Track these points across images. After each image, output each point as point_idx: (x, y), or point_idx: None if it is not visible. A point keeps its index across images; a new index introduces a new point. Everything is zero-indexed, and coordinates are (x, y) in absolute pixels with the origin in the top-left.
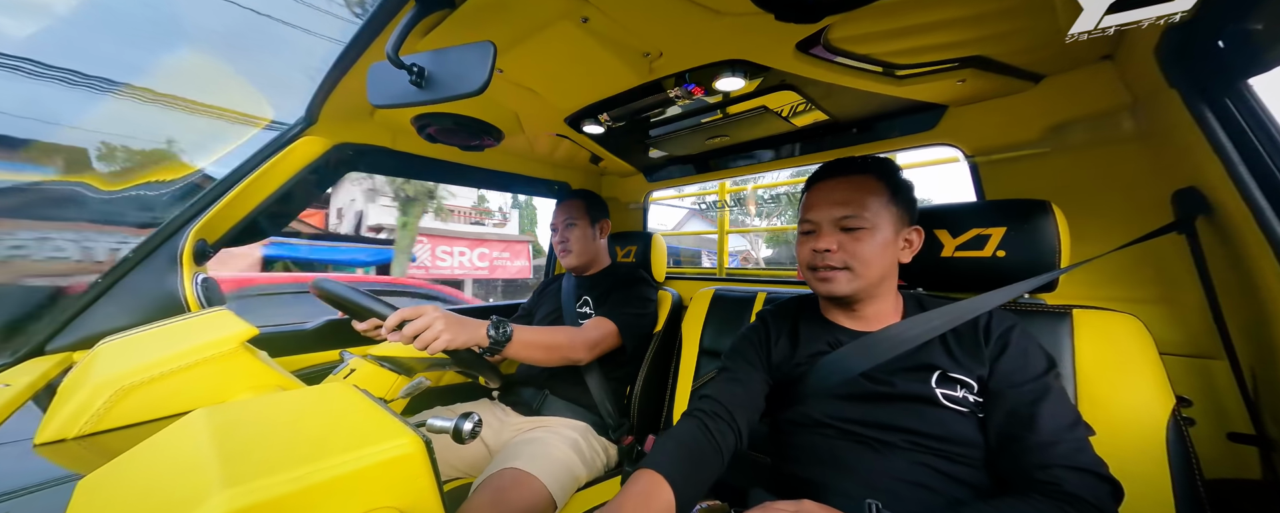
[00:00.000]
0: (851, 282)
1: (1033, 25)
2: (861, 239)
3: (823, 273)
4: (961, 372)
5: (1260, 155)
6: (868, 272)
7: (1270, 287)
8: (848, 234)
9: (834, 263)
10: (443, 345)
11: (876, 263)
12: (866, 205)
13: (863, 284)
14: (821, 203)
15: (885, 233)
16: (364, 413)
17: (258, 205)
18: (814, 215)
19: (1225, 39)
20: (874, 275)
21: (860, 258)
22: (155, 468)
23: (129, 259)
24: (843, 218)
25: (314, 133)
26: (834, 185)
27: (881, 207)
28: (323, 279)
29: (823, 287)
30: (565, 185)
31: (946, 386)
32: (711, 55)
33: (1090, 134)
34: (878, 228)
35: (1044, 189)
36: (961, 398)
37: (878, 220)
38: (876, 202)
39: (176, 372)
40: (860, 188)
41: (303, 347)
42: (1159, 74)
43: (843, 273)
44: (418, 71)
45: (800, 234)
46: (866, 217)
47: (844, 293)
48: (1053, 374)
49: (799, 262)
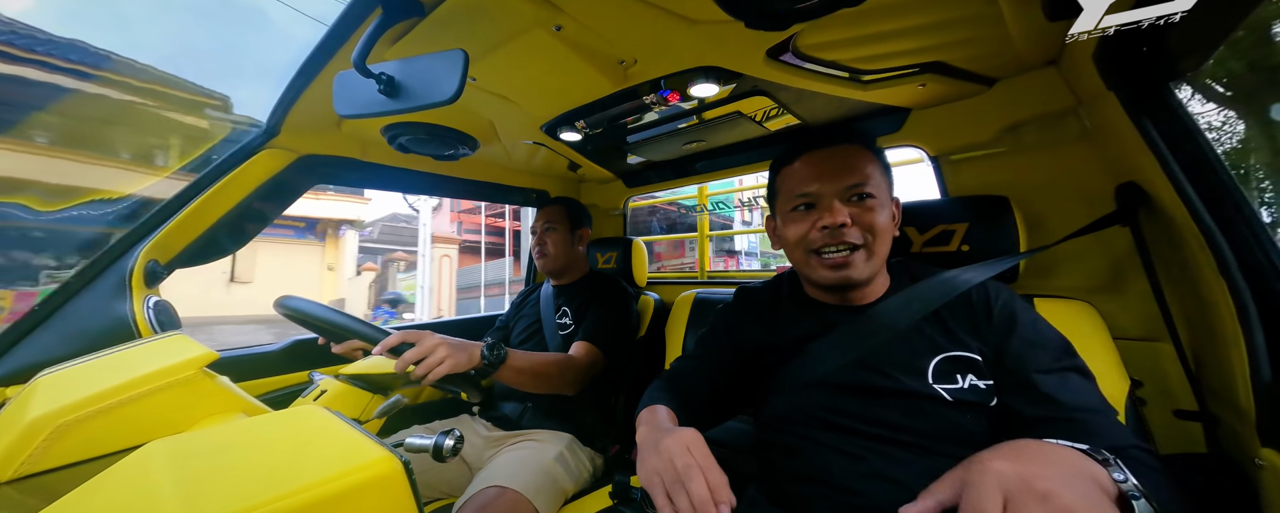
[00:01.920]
0: (868, 264)
1: (985, 34)
2: (875, 209)
3: (833, 256)
4: (961, 349)
5: (1188, 152)
6: (882, 249)
7: (1204, 273)
8: (859, 205)
9: (852, 240)
10: (444, 373)
11: (888, 238)
12: (872, 175)
13: (877, 265)
14: (822, 173)
15: (888, 203)
16: (336, 435)
17: (215, 222)
18: (814, 187)
19: (1149, 47)
20: (885, 253)
21: (877, 231)
22: (105, 507)
23: (71, 284)
24: (854, 187)
25: (276, 145)
26: (830, 154)
27: (881, 176)
28: (291, 298)
29: (834, 275)
30: (544, 193)
31: (947, 373)
32: (685, 62)
33: (1041, 134)
34: (884, 199)
35: (1002, 186)
36: (968, 388)
37: (882, 190)
38: (877, 171)
39: (126, 403)
40: (862, 158)
41: (268, 369)
42: (1098, 78)
43: (859, 253)
44: (387, 81)
45: (790, 211)
46: (873, 186)
47: (862, 278)
48: (1073, 352)
49: (791, 245)
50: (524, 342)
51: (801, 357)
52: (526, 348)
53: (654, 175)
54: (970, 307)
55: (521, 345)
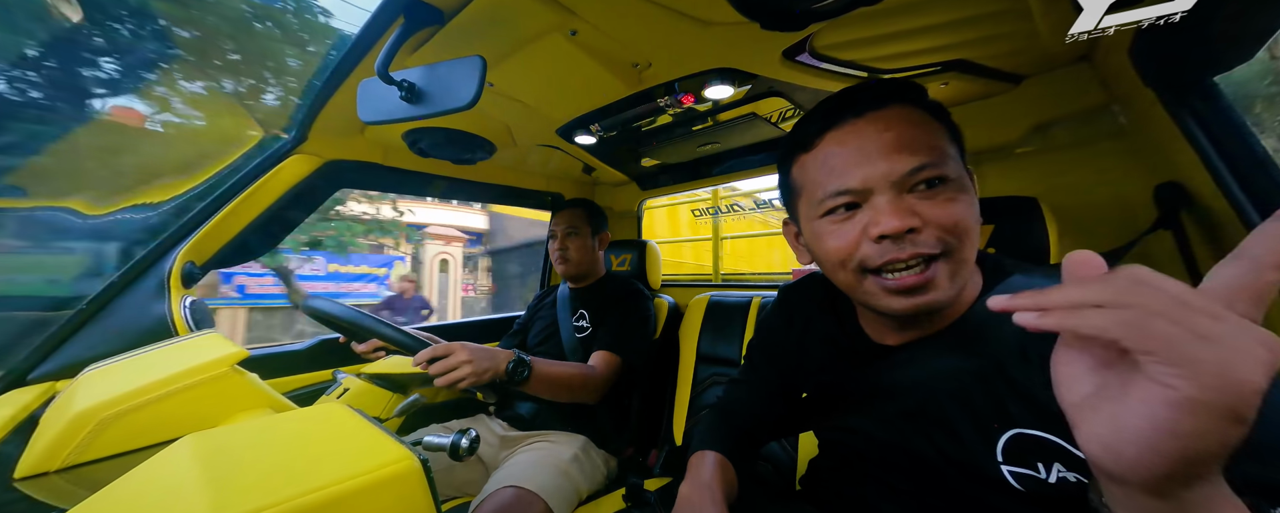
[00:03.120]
0: (955, 279)
1: (1011, 29)
2: (956, 200)
3: (902, 277)
4: (1052, 430)
5: (1233, 150)
6: (970, 255)
7: None
8: (930, 195)
9: (928, 249)
10: (469, 384)
11: (976, 237)
12: (942, 147)
13: (963, 277)
14: (866, 155)
15: (971, 189)
16: (358, 433)
17: (248, 225)
18: (857, 177)
19: (1191, 39)
20: (971, 258)
21: (963, 232)
22: (142, 499)
23: (114, 284)
24: (918, 170)
25: (304, 151)
26: (874, 125)
27: (951, 148)
28: (317, 299)
29: (908, 302)
30: (559, 196)
31: (1021, 455)
32: (700, 64)
33: (1073, 133)
34: (965, 184)
35: (1031, 187)
36: (1038, 480)
37: (959, 170)
38: (946, 143)
39: (164, 398)
40: (918, 122)
41: (295, 368)
42: (1134, 74)
43: (940, 266)
44: (408, 87)
45: (823, 217)
46: (947, 164)
47: (948, 300)
48: None
49: (833, 265)
50: (540, 344)
51: (840, 391)
52: (542, 350)
53: (668, 178)
54: None
55: (538, 348)
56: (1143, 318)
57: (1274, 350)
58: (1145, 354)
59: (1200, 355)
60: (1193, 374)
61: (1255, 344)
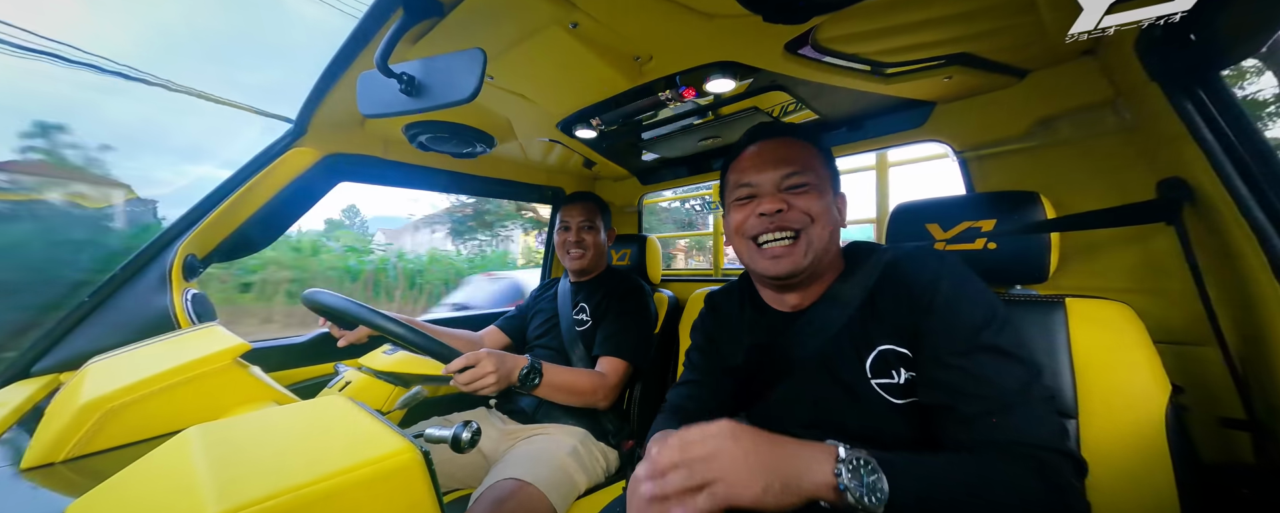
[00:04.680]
0: (807, 252)
1: (1016, 23)
2: (808, 196)
3: (772, 248)
4: (896, 342)
5: (1238, 146)
6: (819, 235)
7: (1255, 273)
8: (795, 192)
9: (789, 224)
10: (490, 392)
11: (824, 223)
12: (808, 163)
13: (815, 254)
14: (761, 163)
15: (826, 193)
16: (360, 425)
17: (248, 218)
18: (754, 177)
19: (1197, 33)
20: (823, 239)
21: (815, 215)
22: (146, 490)
23: (116, 277)
24: (790, 175)
25: (304, 143)
26: (774, 146)
27: (820, 166)
28: (320, 292)
29: (773, 266)
30: (559, 190)
31: (882, 368)
32: (701, 58)
33: (1076, 127)
34: (822, 188)
35: (1033, 182)
36: (894, 384)
37: (820, 179)
38: (816, 161)
39: (167, 390)
40: (800, 149)
41: (297, 361)
42: (1140, 68)
43: (797, 245)
44: (408, 80)
45: (734, 202)
46: (810, 174)
47: (800, 268)
48: (995, 325)
49: (734, 235)
50: (541, 336)
51: (761, 371)
52: (543, 342)
53: (669, 172)
54: (905, 290)
55: (538, 340)
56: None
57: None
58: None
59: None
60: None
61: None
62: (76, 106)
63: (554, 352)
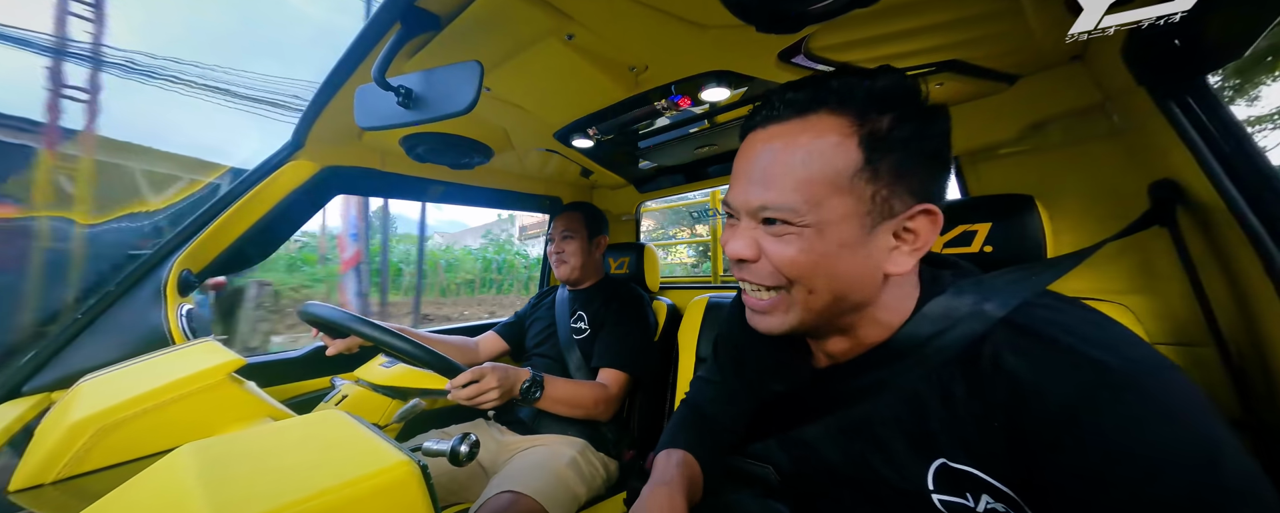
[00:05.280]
0: (789, 313)
1: (1005, 29)
2: (790, 242)
3: (748, 298)
4: (980, 467)
5: (1226, 148)
6: (814, 297)
7: (1249, 274)
8: (768, 230)
9: (755, 279)
10: (491, 407)
11: (825, 279)
12: (804, 184)
13: (814, 314)
14: (739, 173)
15: (841, 231)
16: (357, 440)
17: (244, 232)
18: (732, 191)
19: (1182, 38)
20: (825, 300)
21: (794, 272)
22: (140, 509)
23: (110, 293)
24: (760, 209)
25: (301, 157)
26: (765, 141)
27: (833, 185)
28: (317, 305)
29: (754, 321)
30: (557, 200)
31: (952, 485)
32: (696, 67)
33: (1067, 131)
34: (824, 224)
35: (1026, 185)
36: (966, 507)
37: (825, 210)
38: (826, 174)
39: (160, 407)
40: (804, 149)
41: (292, 375)
42: (1127, 73)
43: (779, 301)
44: (405, 93)
45: (727, 215)
46: (797, 198)
47: (785, 330)
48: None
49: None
50: (539, 345)
51: (772, 417)
52: (541, 351)
53: (666, 180)
54: (1012, 401)
55: (536, 349)
56: None
57: None
58: None
59: None
60: None
61: None
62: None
63: (552, 361)
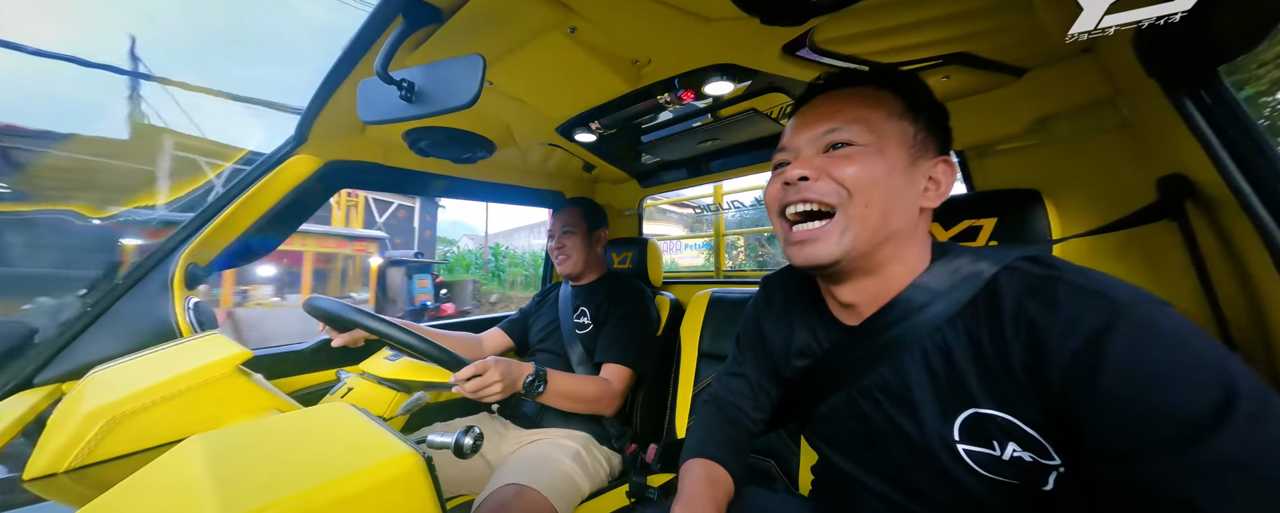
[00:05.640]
0: (841, 237)
1: (1013, 22)
2: (853, 159)
3: (798, 231)
4: (1011, 411)
5: (1238, 142)
6: (866, 213)
7: (1260, 271)
8: (833, 155)
9: (816, 196)
10: (495, 400)
11: (878, 198)
12: (866, 119)
13: (859, 240)
14: (803, 124)
15: (894, 156)
16: (363, 432)
17: (250, 226)
18: (792, 139)
19: (1194, 30)
20: (875, 221)
21: (854, 186)
22: (149, 499)
23: (118, 286)
24: (829, 132)
25: (305, 151)
26: (826, 101)
27: (888, 121)
28: (322, 299)
29: (797, 253)
30: (559, 194)
31: (979, 433)
32: (699, 60)
33: (1076, 125)
34: (883, 150)
35: (1033, 180)
36: (993, 458)
37: (883, 138)
38: (882, 116)
39: (169, 399)
40: (861, 100)
41: (298, 368)
42: (1138, 65)
43: (829, 225)
44: (408, 87)
45: (774, 168)
46: (862, 130)
47: (829, 258)
48: (1233, 415)
49: (768, 207)
50: (542, 341)
51: (804, 382)
52: (545, 347)
53: (669, 175)
54: (1028, 332)
55: (541, 345)
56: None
57: None
58: None
59: None
60: None
61: None
62: (93, 106)
63: (556, 356)
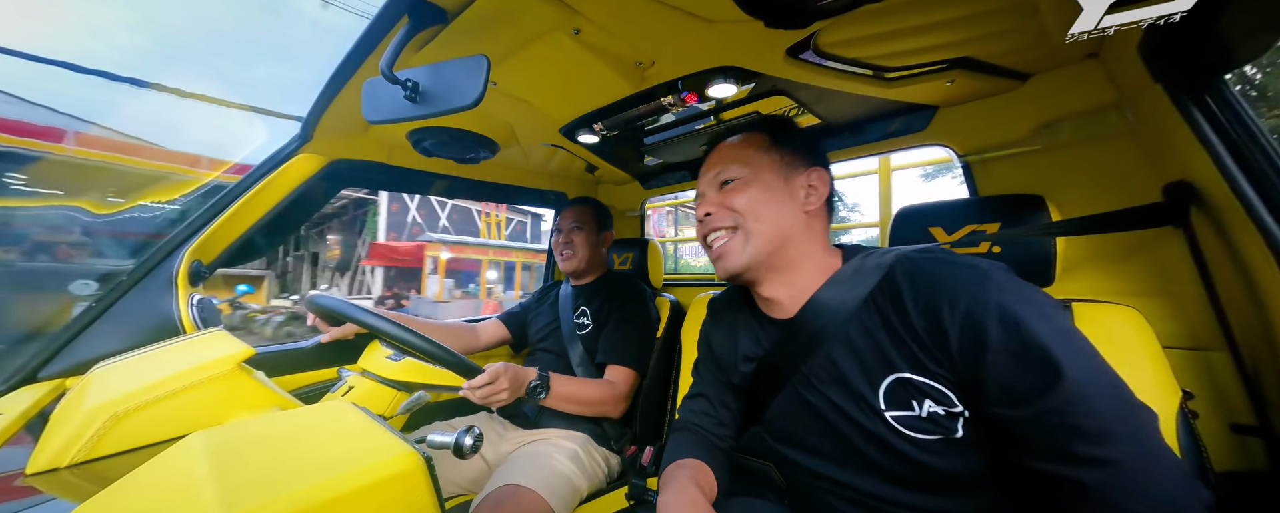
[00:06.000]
0: (744, 247)
1: (1018, 26)
2: (737, 191)
3: (715, 249)
4: (921, 373)
5: (1244, 148)
6: (758, 227)
7: (1264, 277)
8: (725, 191)
9: (720, 224)
10: (501, 405)
11: (765, 214)
12: (741, 158)
13: (759, 246)
14: (704, 172)
15: (768, 179)
16: (363, 431)
17: (253, 224)
18: (698, 186)
19: (1201, 35)
20: (767, 231)
21: (742, 210)
22: (151, 494)
23: (123, 282)
24: (717, 175)
25: (309, 150)
26: (715, 154)
27: (758, 154)
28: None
29: (720, 266)
30: (562, 195)
31: (900, 398)
32: (703, 63)
33: (1080, 130)
34: (757, 177)
35: (1037, 185)
36: (914, 418)
37: (757, 169)
38: (752, 152)
39: (172, 395)
40: (736, 146)
41: (300, 366)
42: (1144, 71)
43: (733, 239)
44: (412, 87)
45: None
46: (740, 168)
47: (740, 266)
48: (1070, 343)
49: (701, 245)
50: (542, 340)
51: (754, 383)
52: (545, 346)
53: (671, 176)
54: (932, 308)
55: (541, 344)
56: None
57: None
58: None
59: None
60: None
61: None
62: (98, 106)
63: (555, 355)
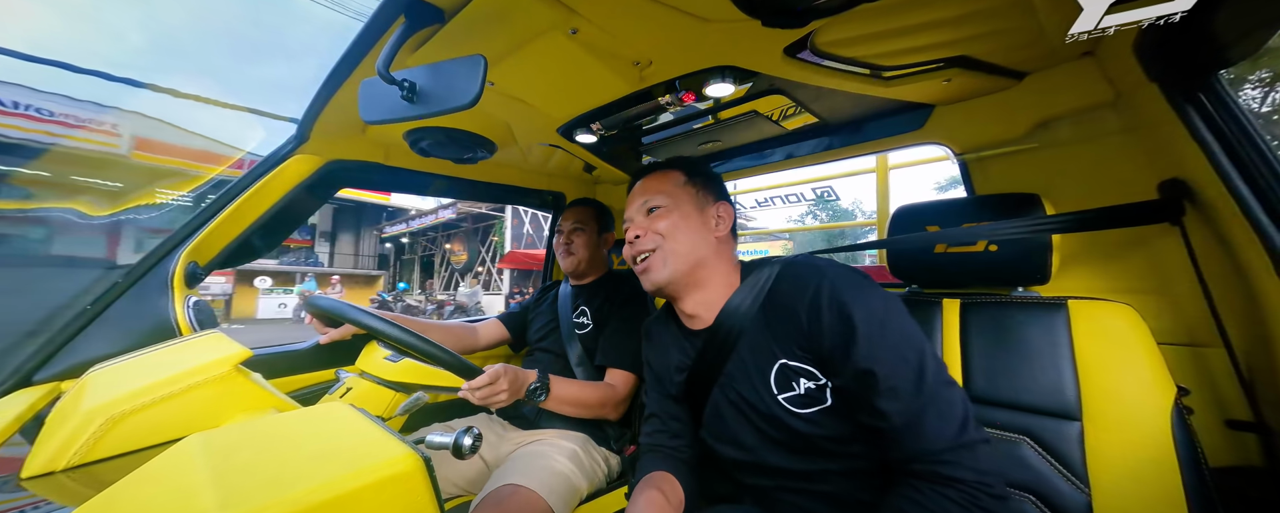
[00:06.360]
0: (665, 265)
1: (1015, 25)
2: (661, 217)
3: (639, 265)
4: (793, 356)
5: (1238, 146)
6: (677, 248)
7: (1259, 274)
8: (650, 216)
9: (645, 246)
10: (500, 406)
11: (683, 237)
12: (663, 190)
13: (678, 265)
14: (631, 201)
15: (686, 208)
16: (361, 432)
17: (250, 225)
18: (628, 211)
19: (1195, 34)
20: (684, 251)
21: (664, 233)
22: (148, 497)
23: (118, 284)
24: (644, 203)
25: (306, 151)
26: (641, 184)
27: (677, 188)
28: (323, 298)
29: (645, 280)
30: (560, 195)
31: (784, 382)
32: (701, 62)
33: (1076, 129)
34: (678, 206)
35: (1033, 184)
36: (796, 395)
37: (677, 200)
38: (672, 185)
39: (169, 398)
40: (658, 179)
41: (298, 367)
42: (1139, 69)
43: (655, 257)
44: (409, 87)
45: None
46: (662, 197)
47: (663, 280)
48: (883, 318)
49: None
50: (542, 340)
51: (697, 388)
52: (545, 346)
53: None
54: (790, 302)
55: (540, 344)
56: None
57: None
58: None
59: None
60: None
61: None
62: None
63: (554, 355)
